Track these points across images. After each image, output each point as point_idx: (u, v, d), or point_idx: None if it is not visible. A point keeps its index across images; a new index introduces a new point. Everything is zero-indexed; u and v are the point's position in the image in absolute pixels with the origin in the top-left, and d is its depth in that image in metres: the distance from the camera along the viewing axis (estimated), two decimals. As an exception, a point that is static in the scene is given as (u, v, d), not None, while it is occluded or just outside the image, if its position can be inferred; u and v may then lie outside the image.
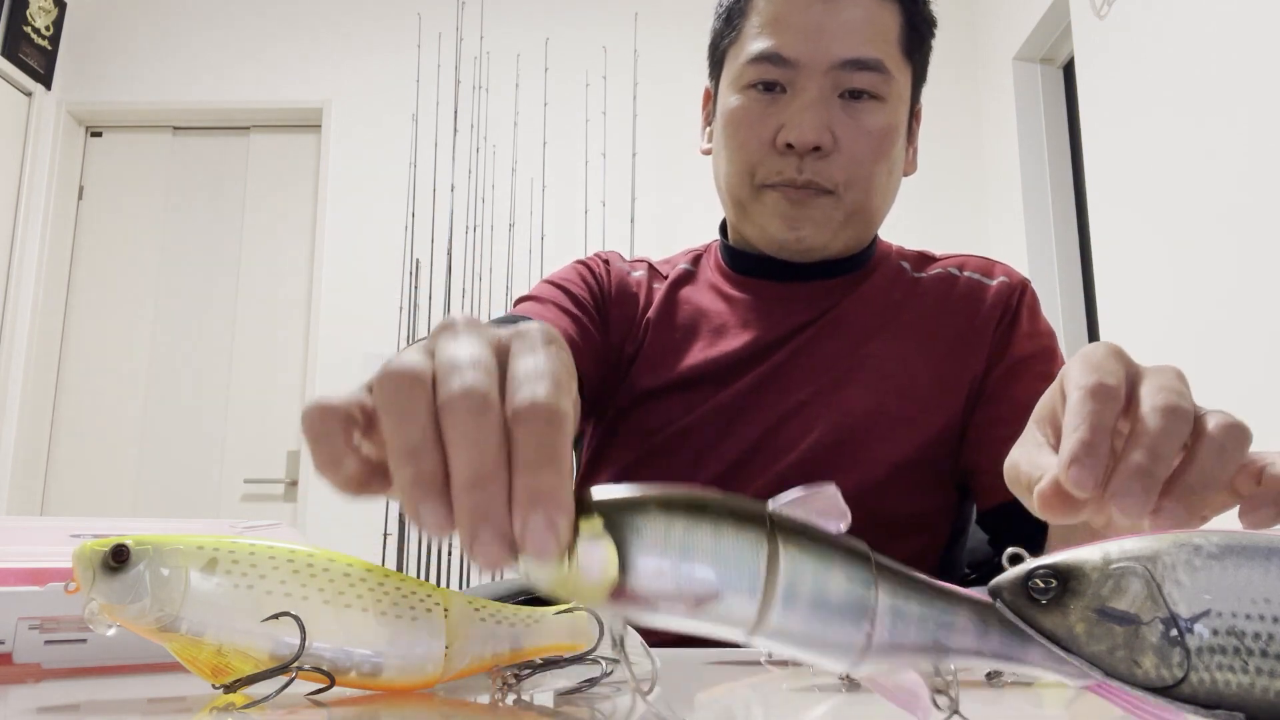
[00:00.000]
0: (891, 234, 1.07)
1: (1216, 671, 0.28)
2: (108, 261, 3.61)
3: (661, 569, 0.29)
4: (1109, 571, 0.29)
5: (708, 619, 0.30)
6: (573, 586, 0.30)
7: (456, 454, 0.31)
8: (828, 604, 0.30)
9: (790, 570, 0.30)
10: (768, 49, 0.87)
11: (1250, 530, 0.42)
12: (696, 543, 0.29)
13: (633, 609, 0.30)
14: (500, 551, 0.30)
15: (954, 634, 0.30)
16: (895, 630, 0.30)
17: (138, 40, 3.68)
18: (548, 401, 0.31)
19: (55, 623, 0.48)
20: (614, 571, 0.29)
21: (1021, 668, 0.31)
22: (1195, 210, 2.10)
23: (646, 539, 0.29)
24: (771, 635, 0.30)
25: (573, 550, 0.29)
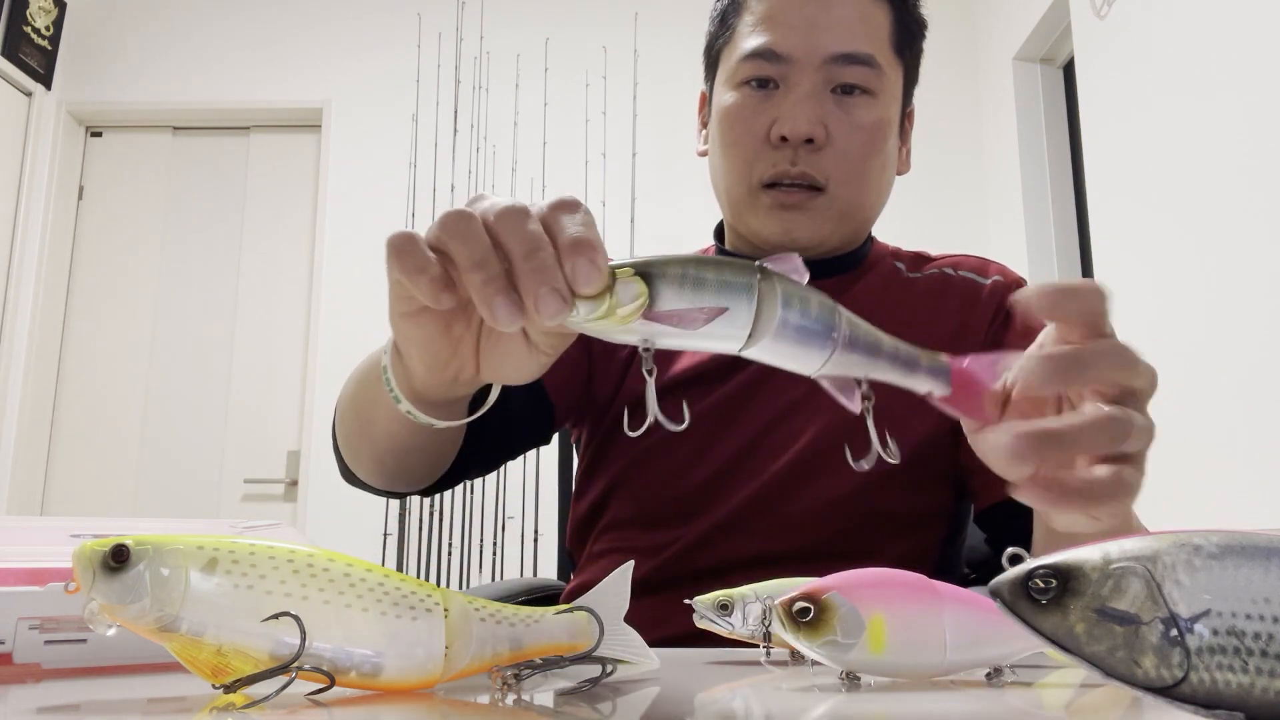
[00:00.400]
0: (891, 234, 1.07)
1: (1216, 671, 0.28)
2: (108, 261, 3.61)
3: (681, 293, 0.40)
4: (1109, 571, 0.29)
5: (714, 333, 0.41)
6: (613, 312, 0.40)
7: (512, 245, 0.41)
8: (807, 313, 0.42)
9: (782, 290, 0.41)
10: (761, 45, 0.88)
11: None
12: (704, 274, 0.40)
13: (658, 329, 0.41)
14: (556, 302, 0.40)
15: (881, 345, 0.44)
16: (850, 337, 0.43)
17: (138, 40, 3.68)
18: (576, 205, 0.43)
19: (55, 623, 0.48)
20: (644, 298, 0.40)
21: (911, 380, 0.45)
22: (1195, 210, 2.10)
23: (669, 275, 0.40)
24: (761, 346, 0.41)
25: (613, 288, 0.40)
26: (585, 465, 0.98)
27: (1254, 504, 1.88)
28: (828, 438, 0.87)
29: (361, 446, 0.75)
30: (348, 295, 3.42)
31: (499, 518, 3.09)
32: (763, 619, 0.54)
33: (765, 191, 0.89)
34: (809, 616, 0.45)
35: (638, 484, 0.92)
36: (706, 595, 0.59)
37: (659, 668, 0.47)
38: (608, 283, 0.40)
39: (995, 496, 0.84)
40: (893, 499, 0.86)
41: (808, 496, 0.86)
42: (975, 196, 3.43)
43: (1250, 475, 1.89)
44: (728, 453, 0.88)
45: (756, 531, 0.86)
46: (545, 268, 0.40)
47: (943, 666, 0.46)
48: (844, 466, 0.87)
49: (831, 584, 0.46)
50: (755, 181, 0.89)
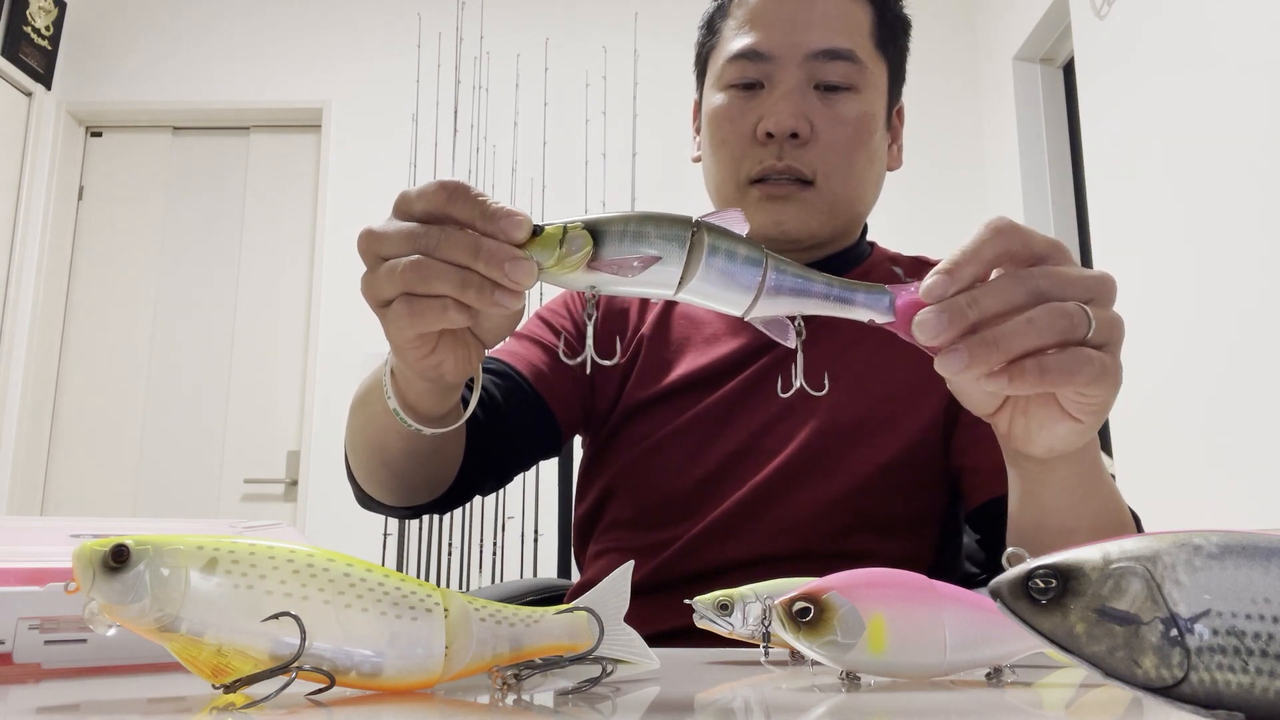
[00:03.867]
0: (891, 234, 1.08)
1: (1216, 671, 0.28)
2: (108, 261, 3.61)
3: (621, 245, 0.46)
4: (1109, 571, 0.29)
5: (649, 280, 0.47)
6: (562, 261, 0.47)
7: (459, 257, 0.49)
8: (734, 260, 0.47)
9: (710, 241, 0.47)
10: (745, 46, 0.90)
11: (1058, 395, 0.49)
12: (644, 229, 0.47)
13: (603, 277, 0.47)
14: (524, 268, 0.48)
15: (812, 285, 0.49)
16: (777, 281, 0.48)
17: (138, 40, 3.68)
18: (445, 185, 0.51)
19: (55, 623, 0.48)
20: (589, 245, 0.46)
21: (851, 311, 0.50)
22: (1195, 209, 2.10)
23: (611, 229, 0.47)
24: (693, 290, 0.47)
25: (563, 240, 0.47)
26: (585, 468, 0.99)
27: (1254, 504, 1.88)
28: (820, 441, 0.88)
29: (368, 459, 0.77)
30: (348, 295, 3.41)
31: (499, 518, 3.09)
32: (763, 619, 0.54)
33: (754, 186, 0.90)
34: (809, 616, 0.45)
35: (634, 486, 0.93)
36: (706, 595, 0.59)
37: (659, 668, 0.47)
38: (549, 231, 0.47)
39: (985, 495, 0.85)
40: (886, 502, 0.87)
41: (800, 499, 0.87)
42: (975, 196, 3.43)
43: (1250, 475, 1.89)
44: (722, 455, 0.89)
45: (750, 534, 0.86)
46: (494, 254, 0.48)
47: (943, 666, 0.46)
48: (837, 469, 0.88)
49: (831, 584, 0.46)
50: (743, 178, 0.90)
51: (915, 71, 1.03)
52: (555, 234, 0.47)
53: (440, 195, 0.50)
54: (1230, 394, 1.94)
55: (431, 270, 0.49)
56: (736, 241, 0.47)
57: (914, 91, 1.02)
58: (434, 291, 0.50)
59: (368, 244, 0.53)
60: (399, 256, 0.51)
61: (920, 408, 0.89)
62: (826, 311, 0.49)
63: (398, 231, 0.51)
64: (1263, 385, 1.84)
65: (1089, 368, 0.48)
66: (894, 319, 0.49)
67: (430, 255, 0.50)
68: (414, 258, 0.50)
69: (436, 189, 0.51)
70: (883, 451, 0.87)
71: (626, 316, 0.99)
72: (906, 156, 1.07)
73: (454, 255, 0.49)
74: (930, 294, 0.49)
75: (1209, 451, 2.00)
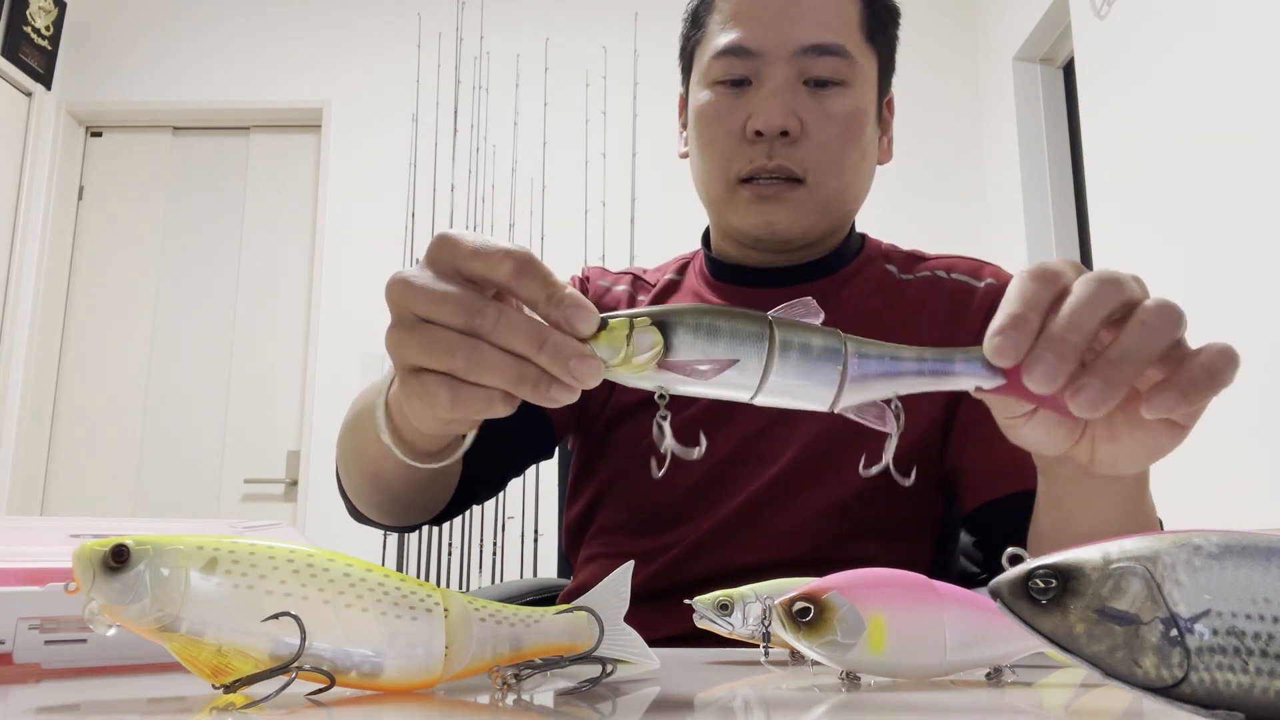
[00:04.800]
0: (891, 233, 1.07)
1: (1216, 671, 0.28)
2: (108, 261, 3.61)
3: (694, 344, 0.42)
4: (1109, 571, 0.29)
5: (725, 382, 0.43)
6: (630, 360, 0.43)
7: (519, 346, 0.43)
8: (810, 355, 0.43)
9: (781, 337, 0.43)
10: (732, 42, 0.88)
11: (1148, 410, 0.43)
12: (717, 324, 0.43)
13: (673, 377, 0.43)
14: (588, 367, 0.43)
15: (901, 363, 0.44)
16: (861, 369, 0.44)
17: (138, 40, 3.68)
18: (514, 255, 0.44)
19: (55, 623, 0.48)
20: (659, 344, 0.42)
21: (950, 381, 0.44)
22: (1195, 210, 2.10)
23: (683, 325, 0.43)
24: (772, 389, 0.43)
25: (630, 337, 0.42)
26: (576, 471, 0.98)
27: (1254, 504, 1.88)
28: (816, 447, 0.87)
29: (362, 483, 0.75)
30: (348, 295, 3.41)
31: (499, 518, 3.09)
32: (763, 619, 0.54)
33: (744, 185, 0.89)
34: (809, 616, 0.45)
35: (626, 490, 0.92)
36: (706, 595, 0.59)
37: (659, 668, 0.47)
38: (614, 325, 0.43)
39: (983, 497, 0.84)
40: (883, 507, 0.86)
41: (797, 507, 0.86)
42: (975, 196, 3.43)
43: (1251, 475, 1.89)
44: (716, 461, 0.88)
45: (748, 542, 0.86)
46: (560, 348, 0.43)
47: (943, 666, 0.46)
48: (833, 476, 0.87)
49: (831, 584, 0.46)
50: (733, 177, 0.89)
51: (915, 71, 1.03)
52: (621, 329, 0.43)
53: (506, 264, 0.43)
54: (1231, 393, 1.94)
55: (488, 360, 0.43)
56: (810, 333, 0.43)
57: (914, 91, 1.02)
58: (481, 381, 0.44)
59: (403, 298, 0.46)
60: (443, 324, 0.44)
61: (918, 411, 0.88)
62: (922, 388, 0.45)
63: (445, 295, 0.44)
64: (1263, 385, 1.84)
65: (1227, 362, 0.43)
66: (1003, 381, 0.44)
67: (485, 338, 0.44)
68: (468, 340, 0.44)
69: (502, 255, 0.44)
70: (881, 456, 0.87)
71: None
72: (905, 156, 1.07)
73: (514, 343, 0.43)
74: (1003, 350, 0.43)
75: (1209, 451, 2.00)
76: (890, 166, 1.00)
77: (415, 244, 3.26)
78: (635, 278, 1.02)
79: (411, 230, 3.26)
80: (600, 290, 1.00)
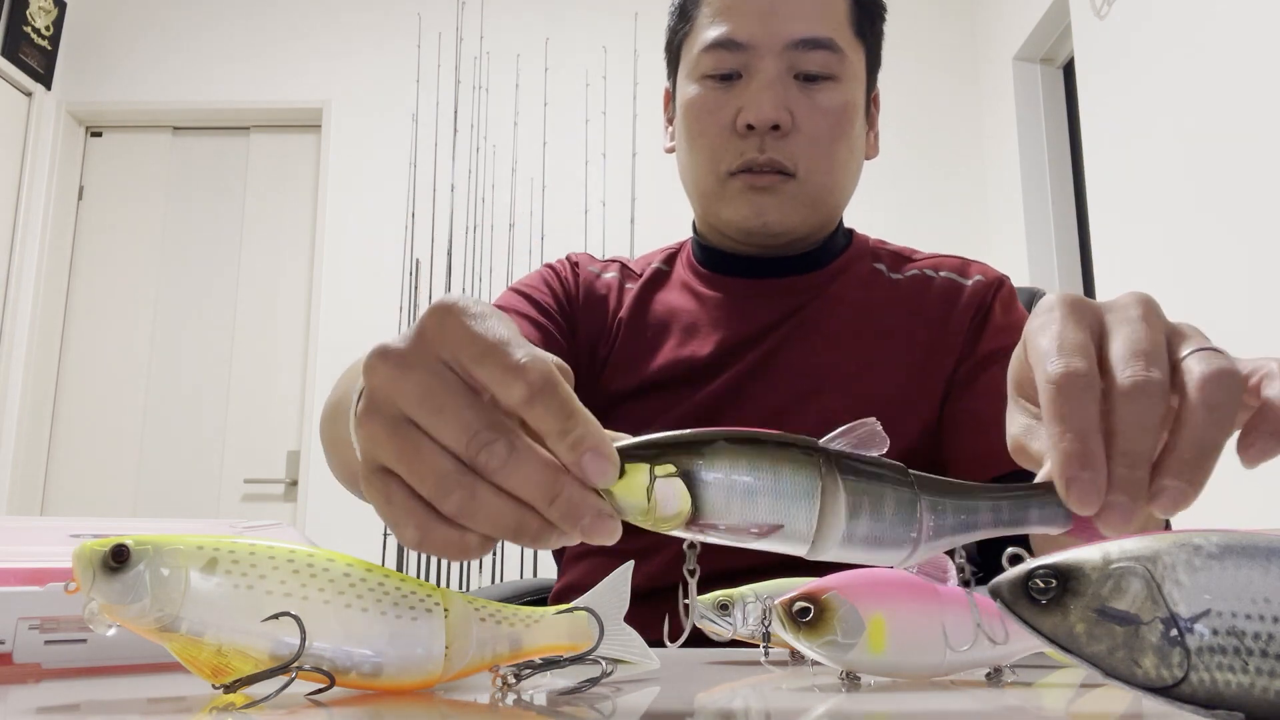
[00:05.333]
0: (890, 233, 1.07)
1: (1216, 671, 0.28)
2: (108, 261, 3.61)
3: (729, 503, 0.35)
4: (1109, 571, 0.29)
5: (772, 544, 0.36)
6: (654, 519, 0.36)
7: (528, 495, 0.35)
8: (882, 517, 0.36)
9: (848, 496, 0.36)
10: (721, 35, 0.88)
11: (1250, 462, 0.40)
12: (759, 479, 0.35)
13: (706, 536, 0.36)
14: (604, 525, 0.35)
15: (978, 515, 0.38)
16: (937, 525, 0.37)
17: (138, 40, 3.68)
18: (528, 373, 0.35)
19: (55, 623, 0.48)
20: (687, 505, 0.35)
21: (1022, 529, 0.38)
22: (1195, 210, 2.10)
23: (712, 478, 0.35)
24: (835, 551, 0.36)
25: (651, 490, 0.35)
26: None
27: (1254, 504, 1.88)
28: None
29: (346, 482, 0.74)
30: (348, 295, 3.42)
31: (499, 518, 3.09)
32: (763, 619, 0.54)
33: (735, 177, 0.88)
34: (809, 616, 0.45)
35: None
36: (706, 595, 0.59)
37: (659, 668, 0.47)
38: (632, 472, 0.35)
39: None
40: None
41: None
42: (975, 197, 3.43)
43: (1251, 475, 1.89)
44: None
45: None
46: (575, 506, 0.35)
47: (943, 666, 0.46)
48: None
49: (831, 584, 0.46)
50: (723, 171, 0.89)
51: (916, 71, 1.03)
52: (640, 479, 0.35)
53: (519, 387, 0.35)
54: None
55: (484, 507, 0.35)
56: (882, 485, 0.36)
57: (915, 91, 1.02)
58: (472, 527, 0.36)
59: (388, 384, 0.36)
60: (438, 442, 0.36)
61: (916, 411, 0.88)
62: (995, 534, 0.39)
63: (448, 409, 0.35)
64: (1263, 385, 1.84)
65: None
66: (1070, 525, 0.39)
67: (486, 477, 0.35)
68: (465, 478, 0.35)
69: (516, 373, 0.35)
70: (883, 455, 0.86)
71: (606, 303, 0.97)
72: (905, 155, 1.07)
73: (521, 489, 0.35)
74: (1085, 499, 0.36)
75: (1209, 451, 2.00)
76: (890, 166, 1.01)
77: (415, 244, 3.26)
78: (623, 266, 1.01)
79: (411, 230, 3.26)
80: (590, 276, 0.99)
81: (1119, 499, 0.37)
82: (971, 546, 1.00)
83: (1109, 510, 0.37)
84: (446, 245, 3.25)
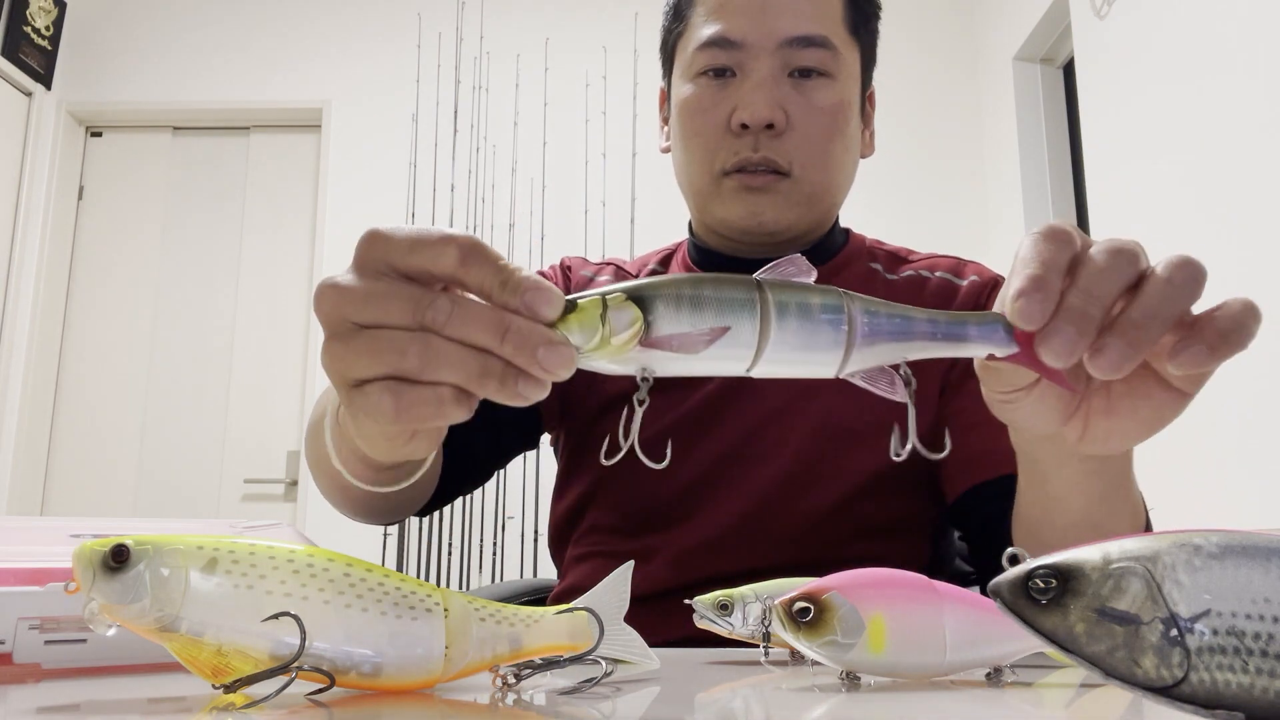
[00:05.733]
0: (890, 233, 1.07)
1: (1216, 671, 0.28)
2: (108, 261, 3.61)
3: (678, 316, 0.38)
4: (1109, 571, 0.29)
5: (718, 355, 0.38)
6: (610, 342, 0.38)
7: (480, 338, 0.38)
8: (810, 315, 0.39)
9: (776, 299, 0.39)
10: (715, 34, 0.88)
11: (1187, 374, 0.42)
12: (701, 293, 0.38)
13: (657, 356, 0.38)
14: (559, 355, 0.38)
15: (913, 324, 0.40)
16: (870, 328, 0.40)
17: (138, 40, 3.68)
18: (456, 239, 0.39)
19: (55, 623, 0.48)
20: (639, 321, 0.38)
21: (963, 348, 0.41)
22: (1195, 210, 2.10)
23: (664, 297, 0.38)
24: (772, 358, 0.39)
25: (605, 316, 0.38)
26: (563, 467, 0.97)
27: (1254, 504, 1.88)
28: (814, 446, 0.86)
29: (332, 494, 0.74)
30: (348, 295, 3.41)
31: (499, 518, 3.09)
32: (763, 619, 0.54)
33: (729, 177, 0.88)
34: (809, 616, 0.45)
35: (615, 489, 0.91)
36: (706, 595, 0.59)
37: (659, 667, 0.47)
38: (586, 305, 0.38)
39: (960, 487, 0.84)
40: (879, 507, 0.86)
41: (798, 510, 0.85)
42: (975, 196, 3.43)
43: (1251, 475, 1.89)
44: (709, 459, 0.87)
45: (747, 546, 0.85)
46: (526, 336, 0.38)
47: (943, 666, 0.46)
48: (833, 476, 0.87)
49: (831, 584, 0.46)
50: (718, 170, 0.88)
51: (916, 72, 1.02)
52: (594, 308, 0.38)
53: (450, 251, 0.38)
54: (1232, 393, 1.94)
55: (441, 353, 0.38)
56: (808, 292, 0.39)
57: (914, 92, 1.02)
58: (438, 379, 0.39)
59: (336, 305, 0.40)
60: (384, 325, 0.39)
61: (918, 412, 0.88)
62: (933, 353, 0.41)
63: (386, 291, 0.39)
64: (1265, 384, 1.84)
65: (1251, 315, 0.41)
66: (1017, 348, 0.41)
67: (437, 331, 0.38)
68: (418, 335, 0.38)
69: (442, 241, 0.39)
70: (877, 458, 0.86)
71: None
72: (905, 155, 1.07)
73: (471, 334, 0.38)
74: (1028, 313, 0.39)
75: (1209, 451, 2.00)
76: (890, 166, 1.01)
77: (415, 244, 3.26)
78: (617, 268, 1.01)
79: (411, 230, 3.26)
80: (583, 280, 0.99)
81: (1064, 328, 0.39)
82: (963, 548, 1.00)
83: (1052, 336, 0.39)
84: (446, 245, 3.24)
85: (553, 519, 0.98)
